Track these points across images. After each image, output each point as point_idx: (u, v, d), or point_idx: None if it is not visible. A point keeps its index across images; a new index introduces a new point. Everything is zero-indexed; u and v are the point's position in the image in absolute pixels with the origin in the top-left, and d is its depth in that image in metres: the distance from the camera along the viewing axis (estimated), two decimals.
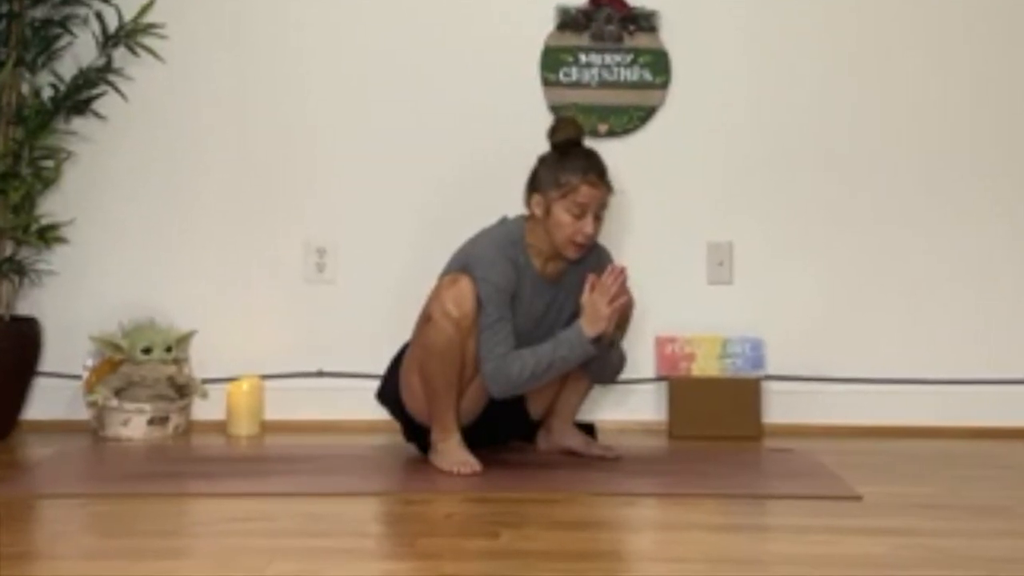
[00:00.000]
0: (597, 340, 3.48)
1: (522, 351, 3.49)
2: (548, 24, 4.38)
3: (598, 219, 3.56)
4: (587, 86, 4.37)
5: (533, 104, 4.35)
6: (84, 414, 4.18)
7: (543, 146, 3.63)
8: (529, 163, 3.63)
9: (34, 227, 4.15)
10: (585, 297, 3.48)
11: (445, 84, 4.38)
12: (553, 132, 3.64)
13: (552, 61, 4.37)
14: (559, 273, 3.64)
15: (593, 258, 3.65)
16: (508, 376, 3.48)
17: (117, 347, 4.14)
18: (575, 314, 3.55)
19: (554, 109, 4.33)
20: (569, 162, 3.54)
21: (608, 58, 4.37)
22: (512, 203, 3.66)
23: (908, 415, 4.30)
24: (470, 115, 4.37)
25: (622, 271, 3.48)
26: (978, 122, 4.39)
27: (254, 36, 4.39)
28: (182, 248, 4.38)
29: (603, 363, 3.63)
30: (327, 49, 4.39)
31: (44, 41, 4.17)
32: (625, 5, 4.36)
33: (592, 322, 3.46)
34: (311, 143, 4.39)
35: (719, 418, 4.20)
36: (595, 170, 3.54)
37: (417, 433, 3.69)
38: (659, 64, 4.37)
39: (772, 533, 2.98)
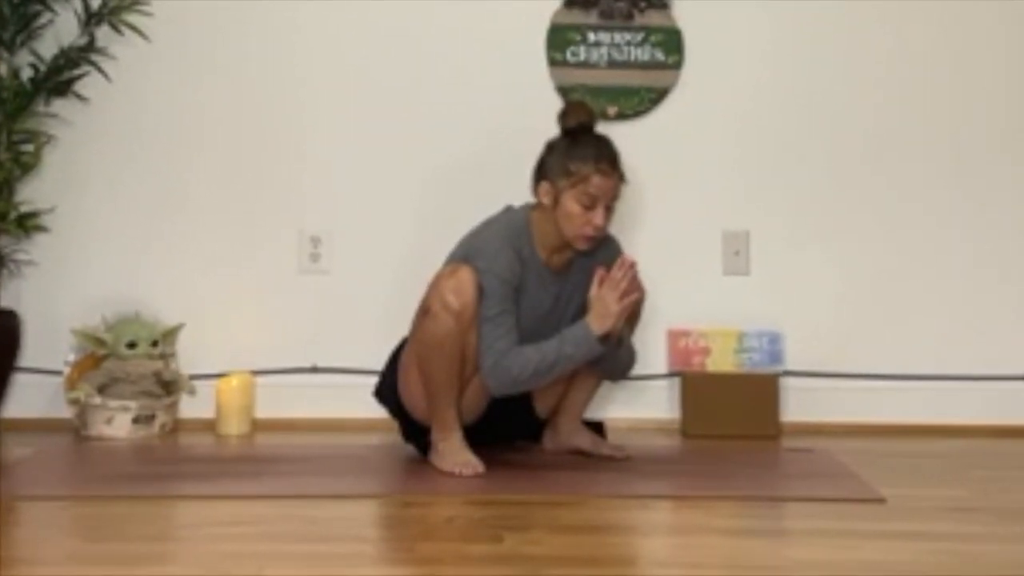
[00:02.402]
0: (605, 338, 3.47)
1: (525, 347, 3.48)
2: (554, 1, 4.37)
3: (609, 210, 3.55)
4: (596, 66, 4.36)
5: (539, 85, 4.35)
6: (65, 412, 4.18)
7: (549, 130, 3.62)
8: (534, 148, 3.62)
9: (13, 215, 4.15)
10: (593, 292, 3.47)
11: (446, 65, 4.38)
12: (563, 117, 3.62)
13: (559, 40, 4.36)
14: (565, 264, 3.63)
15: (603, 250, 3.64)
16: (509, 373, 3.47)
17: (100, 341, 4.14)
18: (582, 308, 3.54)
19: (561, 90, 4.33)
20: (580, 149, 3.53)
21: (618, 36, 4.36)
22: (515, 190, 3.65)
23: (934, 413, 4.30)
24: (472, 97, 4.37)
25: (632, 265, 3.46)
26: (1010, 106, 4.38)
27: (245, 13, 4.39)
28: (169, 237, 4.38)
29: (612, 360, 3.62)
30: (322, 28, 4.39)
31: (23, 19, 4.17)
32: None
33: (600, 319, 3.45)
34: (305, 127, 4.39)
35: (735, 416, 4.20)
36: (607, 159, 3.53)
37: (416, 432, 3.69)
38: (671, 43, 4.36)
39: (791, 537, 2.98)
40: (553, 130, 3.62)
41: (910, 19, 4.38)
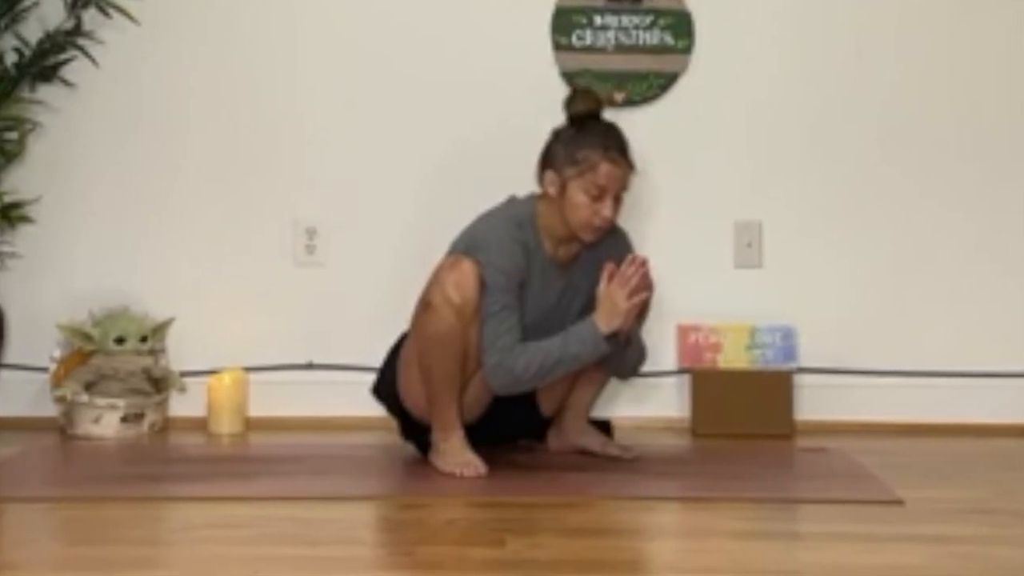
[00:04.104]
0: (612, 337, 3.46)
1: (528, 345, 3.48)
2: None
3: (618, 200, 3.54)
4: (602, 50, 4.36)
5: (543, 71, 4.34)
6: (51, 410, 4.18)
7: (553, 117, 3.62)
8: (538, 135, 3.61)
9: None
10: (602, 289, 3.46)
11: (447, 49, 4.37)
12: (570, 103, 3.61)
13: (564, 23, 4.36)
14: (572, 256, 3.62)
15: (610, 241, 3.63)
16: (512, 371, 3.47)
17: (87, 337, 4.14)
18: (589, 303, 3.54)
19: (566, 76, 4.32)
20: (587, 137, 3.52)
21: (625, 20, 4.36)
22: (519, 179, 3.65)
23: (954, 411, 4.30)
24: (474, 83, 4.36)
25: (644, 262, 3.45)
26: None
27: None
28: (159, 229, 4.37)
29: (620, 358, 3.61)
30: (317, 11, 4.38)
31: (7, 2, 4.16)
32: None
33: (608, 317, 3.44)
34: (300, 113, 4.39)
35: (747, 414, 4.19)
36: (616, 147, 3.52)
37: (416, 431, 3.69)
38: (681, 26, 4.35)
39: (805, 540, 2.98)
40: (558, 117, 3.61)
41: (927, 4, 4.37)
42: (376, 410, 3.84)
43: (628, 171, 3.55)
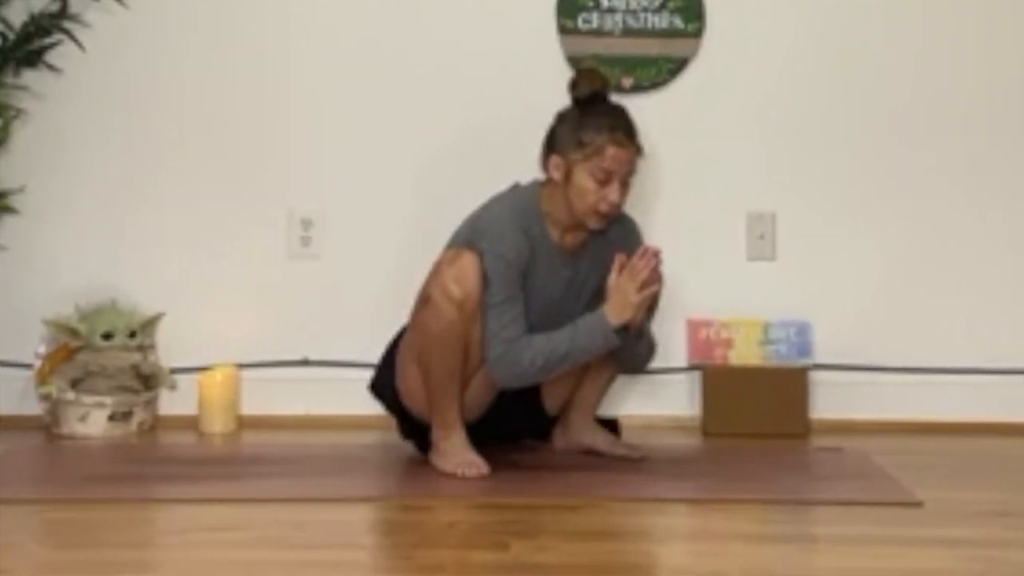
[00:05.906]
0: (622, 330, 3.47)
1: (534, 336, 3.48)
2: None
3: (625, 185, 3.54)
4: (610, 34, 4.35)
5: (548, 55, 4.34)
6: (36, 408, 4.19)
7: (559, 103, 3.62)
8: (543, 123, 3.62)
9: None
10: (612, 280, 3.46)
11: (447, 33, 4.37)
12: (574, 85, 3.61)
13: (569, 5, 4.35)
14: (579, 245, 3.63)
15: (618, 229, 3.64)
16: (517, 364, 3.47)
17: (74, 332, 4.14)
18: (597, 294, 3.54)
19: (572, 60, 4.32)
20: (593, 119, 3.52)
21: (633, 2, 4.35)
22: (523, 168, 3.65)
23: (975, 410, 4.30)
24: (476, 68, 4.36)
25: (656, 255, 3.45)
26: None
27: None
28: (148, 220, 4.37)
29: (630, 351, 3.61)
30: None
31: None
32: None
33: (618, 309, 3.44)
34: (295, 100, 4.39)
35: (760, 413, 4.19)
36: (623, 129, 3.52)
37: (416, 430, 3.69)
38: (691, 9, 4.35)
39: (820, 544, 2.98)
40: (564, 104, 3.61)
41: None
42: (374, 408, 3.85)
43: (635, 154, 3.55)
